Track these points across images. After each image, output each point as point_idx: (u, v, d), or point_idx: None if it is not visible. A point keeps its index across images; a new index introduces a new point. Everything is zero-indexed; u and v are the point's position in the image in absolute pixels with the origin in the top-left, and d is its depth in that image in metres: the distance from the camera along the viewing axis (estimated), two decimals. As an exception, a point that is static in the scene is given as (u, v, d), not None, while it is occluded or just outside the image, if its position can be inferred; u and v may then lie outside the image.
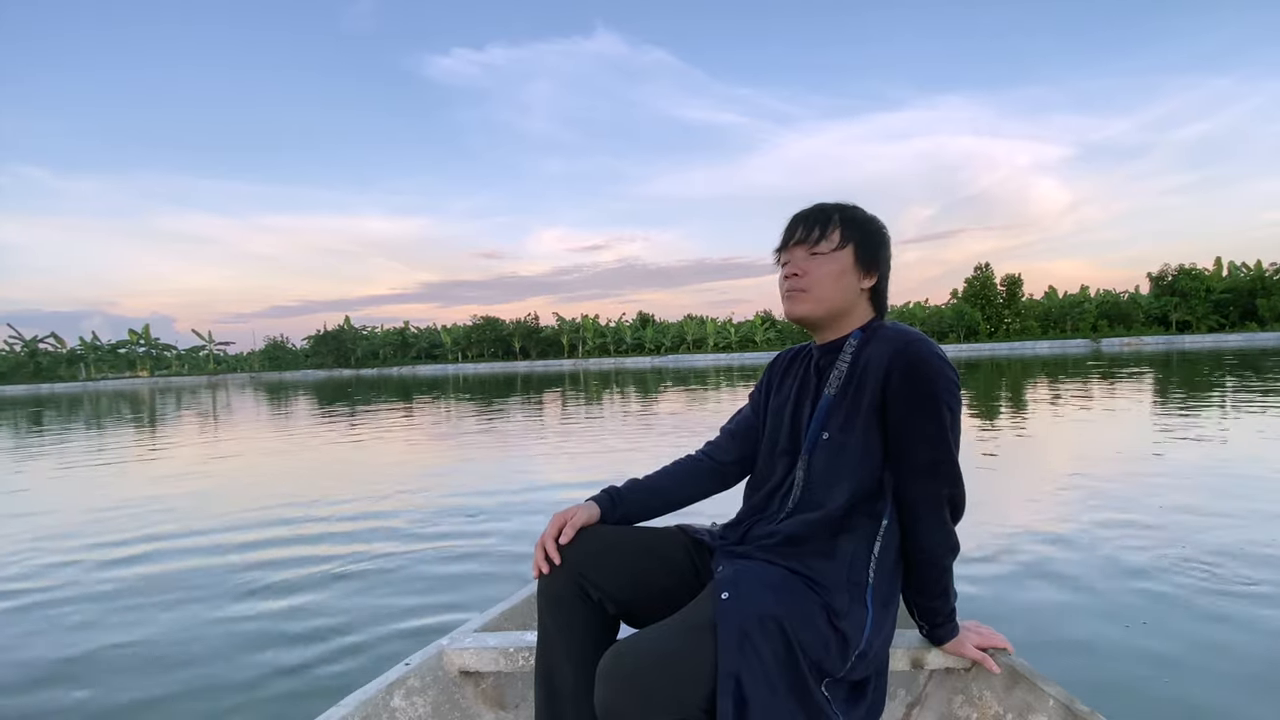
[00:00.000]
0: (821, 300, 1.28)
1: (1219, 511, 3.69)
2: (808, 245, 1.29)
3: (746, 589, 1.10)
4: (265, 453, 8.45)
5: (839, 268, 1.27)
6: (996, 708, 1.32)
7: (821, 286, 1.27)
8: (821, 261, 1.28)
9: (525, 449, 7.58)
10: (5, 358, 76.73)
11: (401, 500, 4.97)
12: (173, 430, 12.27)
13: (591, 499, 1.34)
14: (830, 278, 1.27)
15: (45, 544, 4.09)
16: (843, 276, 1.28)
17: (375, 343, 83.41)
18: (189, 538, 4.09)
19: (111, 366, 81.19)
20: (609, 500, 1.34)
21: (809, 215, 1.31)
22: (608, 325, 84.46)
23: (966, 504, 1.24)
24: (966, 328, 68.07)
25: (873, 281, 1.30)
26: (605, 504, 1.33)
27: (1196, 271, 67.66)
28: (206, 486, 6.06)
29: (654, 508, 1.39)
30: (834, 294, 1.28)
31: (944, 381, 1.19)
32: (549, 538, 1.25)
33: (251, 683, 2.23)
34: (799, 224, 1.31)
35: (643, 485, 1.39)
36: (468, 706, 1.47)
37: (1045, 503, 4.14)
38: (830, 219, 1.29)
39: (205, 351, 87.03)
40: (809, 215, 1.31)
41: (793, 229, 1.31)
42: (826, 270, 1.27)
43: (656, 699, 1.00)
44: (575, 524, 1.26)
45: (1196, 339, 54.86)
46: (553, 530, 1.26)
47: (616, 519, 1.33)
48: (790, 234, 1.32)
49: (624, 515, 1.35)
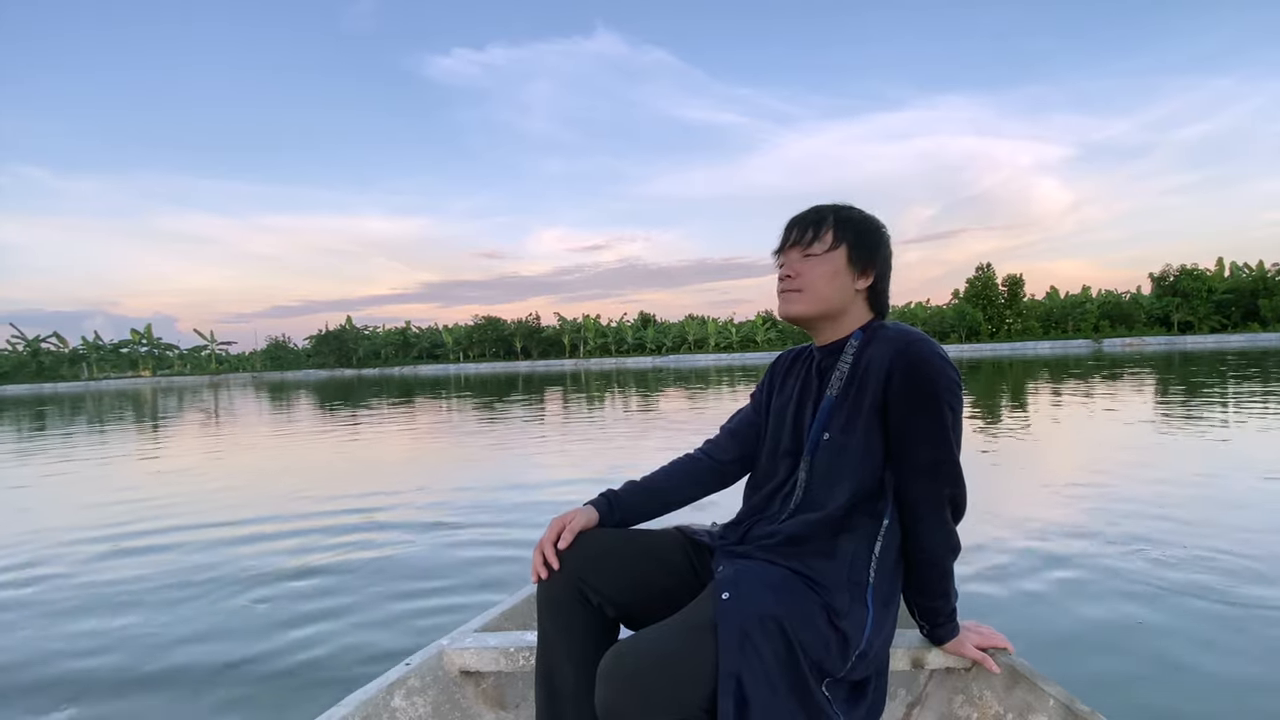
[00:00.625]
0: (814, 301, 1.29)
1: (1221, 512, 3.69)
2: (801, 247, 1.30)
3: (747, 589, 1.10)
4: (268, 450, 8.48)
5: (831, 268, 1.28)
6: (997, 707, 1.32)
7: (814, 287, 1.28)
8: (815, 263, 1.28)
9: (526, 447, 7.59)
10: (8, 357, 76.93)
11: (401, 498, 4.97)
12: (181, 429, 12.30)
13: (589, 503, 1.34)
14: (823, 278, 1.28)
15: (40, 539, 4.11)
16: (836, 277, 1.28)
17: (377, 343, 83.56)
18: (198, 529, 4.11)
19: (114, 366, 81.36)
20: (606, 504, 1.34)
21: (804, 218, 1.32)
22: (609, 325, 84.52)
23: (967, 504, 1.24)
24: (968, 328, 68.07)
25: (869, 282, 1.30)
26: (603, 507, 1.33)
27: (1198, 272, 67.59)
28: (212, 482, 6.08)
29: (652, 509, 1.39)
30: (827, 294, 1.28)
31: (945, 382, 1.19)
32: (547, 542, 1.25)
33: (248, 681, 2.24)
34: (794, 227, 1.32)
35: (640, 487, 1.39)
36: (468, 706, 1.47)
37: (1046, 502, 4.14)
38: (824, 220, 1.29)
39: (207, 351, 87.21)
40: (804, 218, 1.32)
41: (788, 232, 1.33)
42: (819, 271, 1.28)
43: (657, 699, 1.00)
44: (574, 529, 1.26)
45: (1198, 339, 54.83)
46: (551, 535, 1.26)
47: (615, 522, 1.33)
48: (786, 237, 1.33)
49: (622, 518, 1.35)
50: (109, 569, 3.54)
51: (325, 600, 2.95)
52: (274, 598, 3.01)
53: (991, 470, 5.22)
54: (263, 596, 3.04)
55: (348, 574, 3.29)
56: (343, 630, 2.61)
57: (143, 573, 3.45)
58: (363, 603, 2.90)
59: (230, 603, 2.97)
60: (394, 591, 3.02)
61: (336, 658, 2.38)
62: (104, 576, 3.41)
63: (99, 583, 3.32)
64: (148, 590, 3.18)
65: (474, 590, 3.00)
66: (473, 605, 2.77)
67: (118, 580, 3.35)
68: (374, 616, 2.74)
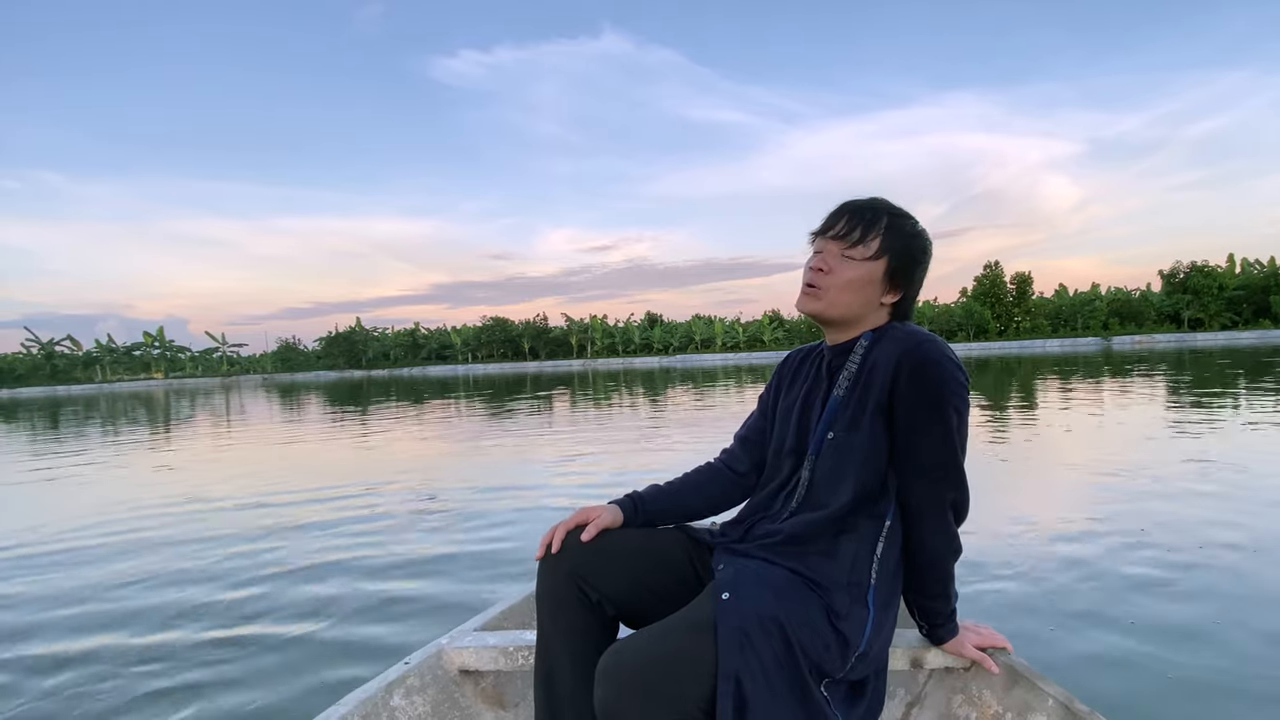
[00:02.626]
0: (835, 305, 1.25)
1: (1224, 512, 3.67)
2: (844, 244, 1.24)
3: (747, 589, 1.10)
4: (278, 448, 8.55)
5: (865, 277, 1.23)
6: (996, 707, 1.32)
7: (840, 291, 1.24)
8: (851, 266, 1.23)
9: (533, 447, 7.60)
10: (23, 360, 77.58)
11: (401, 494, 4.99)
12: (197, 430, 12.41)
13: (614, 501, 1.33)
14: (853, 286, 1.23)
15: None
16: (866, 287, 1.24)
17: (386, 344, 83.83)
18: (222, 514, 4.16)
19: (127, 369, 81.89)
20: (631, 505, 1.32)
21: (858, 210, 1.25)
22: (616, 325, 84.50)
23: (970, 505, 1.23)
24: (976, 326, 67.68)
25: (896, 297, 1.27)
26: (628, 508, 1.32)
27: (1209, 269, 66.89)
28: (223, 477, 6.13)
29: (675, 515, 1.37)
30: (850, 301, 1.24)
31: (952, 384, 1.16)
32: (565, 527, 1.25)
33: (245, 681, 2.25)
34: (844, 216, 1.25)
35: (665, 491, 1.38)
36: (468, 705, 1.47)
37: (1048, 502, 4.13)
38: (876, 223, 1.23)
39: (219, 353, 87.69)
40: (858, 210, 1.25)
41: (836, 219, 1.26)
42: (851, 277, 1.23)
43: (656, 699, 1.00)
44: (599, 524, 1.25)
45: (1209, 336, 54.30)
46: (572, 522, 1.25)
47: (638, 524, 1.32)
48: (832, 223, 1.26)
49: (646, 520, 1.33)
50: (117, 561, 3.57)
51: (325, 600, 2.96)
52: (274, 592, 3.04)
53: (994, 468, 5.20)
54: (264, 594, 3.06)
55: (348, 573, 3.31)
56: (342, 629, 2.63)
57: (150, 561, 3.49)
58: (363, 602, 2.91)
59: (222, 594, 3.01)
60: (394, 590, 3.03)
61: (336, 658, 2.39)
62: (108, 572, 3.45)
63: (96, 574, 3.36)
64: (148, 591, 3.22)
65: (474, 589, 3.01)
66: (472, 604, 2.78)
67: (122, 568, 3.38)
68: (372, 615, 2.75)
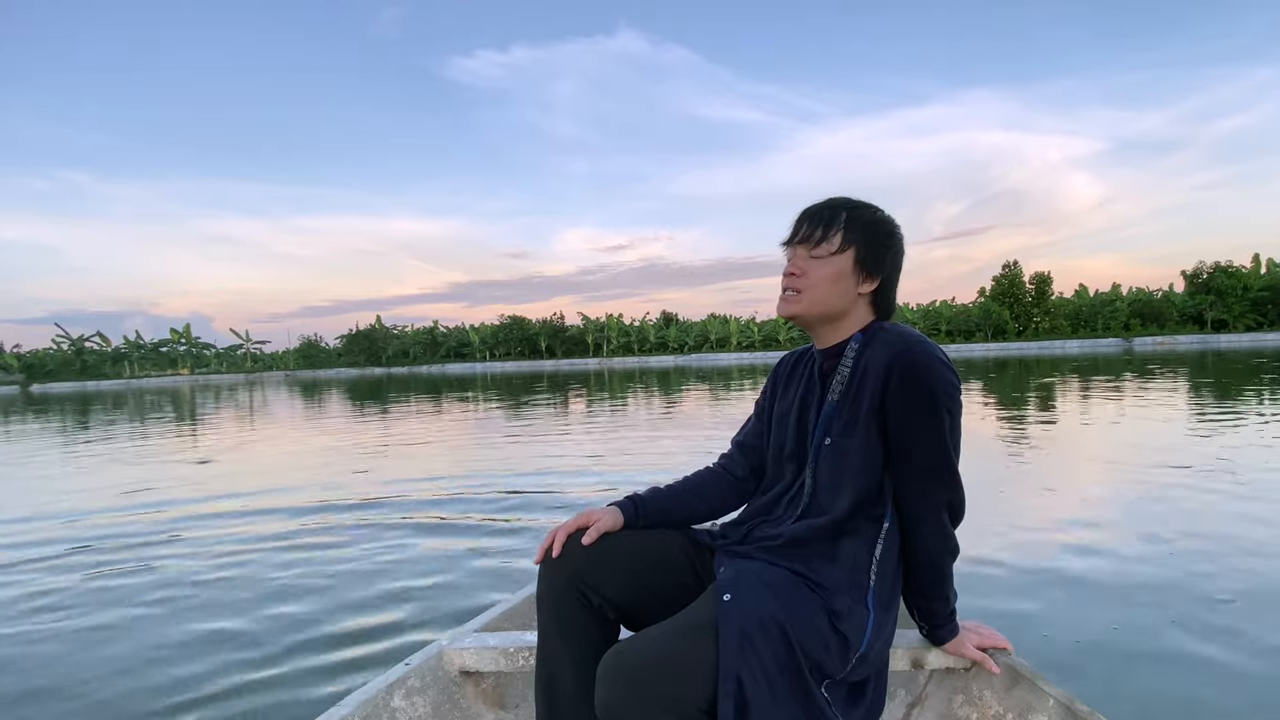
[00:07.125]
0: (814, 303, 1.27)
1: (1228, 512, 3.65)
2: (808, 246, 1.27)
3: (748, 590, 1.11)
4: (285, 444, 8.67)
5: (837, 271, 1.25)
6: (996, 708, 1.33)
7: (815, 289, 1.26)
8: (819, 264, 1.26)
9: (543, 445, 7.62)
10: (53, 356, 78.83)
11: (398, 493, 5.01)
12: (223, 426, 12.60)
13: (614, 504, 1.32)
14: (825, 281, 1.25)
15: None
16: (839, 281, 1.25)
17: (406, 342, 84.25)
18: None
19: (154, 364, 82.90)
20: (633, 508, 1.32)
21: (815, 214, 1.28)
22: (631, 324, 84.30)
23: (967, 505, 1.24)
24: (994, 326, 66.75)
25: (874, 286, 1.27)
26: (629, 511, 1.31)
27: (1233, 269, 65.39)
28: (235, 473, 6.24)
29: (676, 518, 1.37)
30: (827, 297, 1.26)
31: (944, 385, 1.18)
32: (566, 530, 1.25)
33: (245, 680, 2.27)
34: (804, 222, 1.29)
35: (666, 494, 1.38)
36: (468, 706, 1.47)
37: (1049, 502, 4.11)
38: (835, 220, 1.26)
39: (243, 350, 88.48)
40: (815, 214, 1.28)
41: (798, 226, 1.29)
42: (823, 274, 1.25)
43: (657, 700, 1.01)
44: (600, 528, 1.25)
45: (1233, 338, 53.06)
46: (573, 525, 1.26)
47: (639, 527, 1.32)
48: (795, 230, 1.30)
49: (647, 523, 1.33)
50: (124, 557, 3.66)
51: (323, 598, 2.99)
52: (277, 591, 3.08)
53: (996, 468, 5.18)
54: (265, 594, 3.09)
55: (346, 572, 3.33)
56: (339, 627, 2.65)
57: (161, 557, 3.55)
58: (361, 600, 2.94)
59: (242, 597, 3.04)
60: (393, 588, 3.06)
61: (335, 656, 2.40)
62: (114, 571, 3.53)
63: (99, 572, 3.43)
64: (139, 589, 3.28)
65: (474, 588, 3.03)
66: (473, 605, 2.79)
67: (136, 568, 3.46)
68: (371, 614, 2.76)
